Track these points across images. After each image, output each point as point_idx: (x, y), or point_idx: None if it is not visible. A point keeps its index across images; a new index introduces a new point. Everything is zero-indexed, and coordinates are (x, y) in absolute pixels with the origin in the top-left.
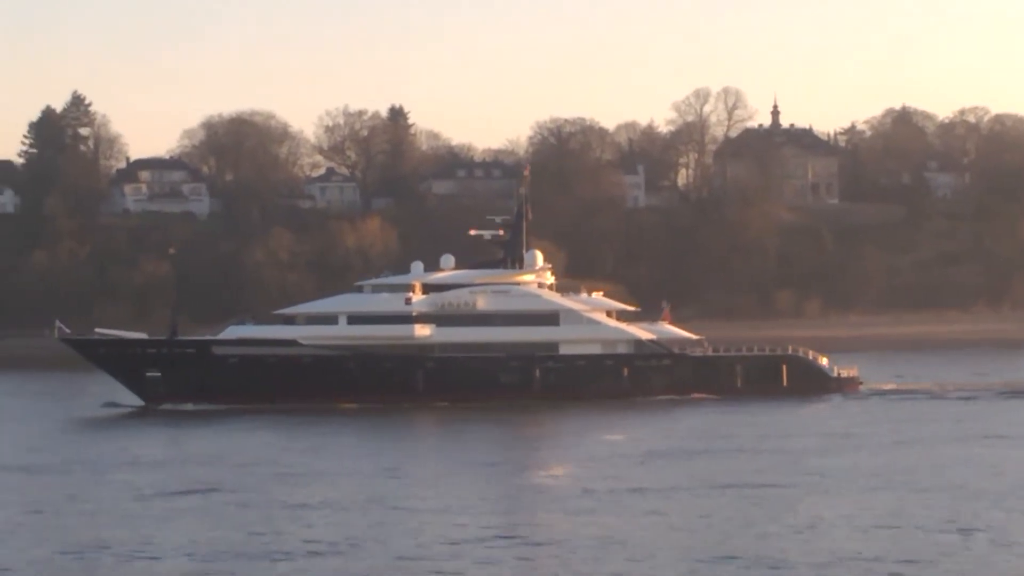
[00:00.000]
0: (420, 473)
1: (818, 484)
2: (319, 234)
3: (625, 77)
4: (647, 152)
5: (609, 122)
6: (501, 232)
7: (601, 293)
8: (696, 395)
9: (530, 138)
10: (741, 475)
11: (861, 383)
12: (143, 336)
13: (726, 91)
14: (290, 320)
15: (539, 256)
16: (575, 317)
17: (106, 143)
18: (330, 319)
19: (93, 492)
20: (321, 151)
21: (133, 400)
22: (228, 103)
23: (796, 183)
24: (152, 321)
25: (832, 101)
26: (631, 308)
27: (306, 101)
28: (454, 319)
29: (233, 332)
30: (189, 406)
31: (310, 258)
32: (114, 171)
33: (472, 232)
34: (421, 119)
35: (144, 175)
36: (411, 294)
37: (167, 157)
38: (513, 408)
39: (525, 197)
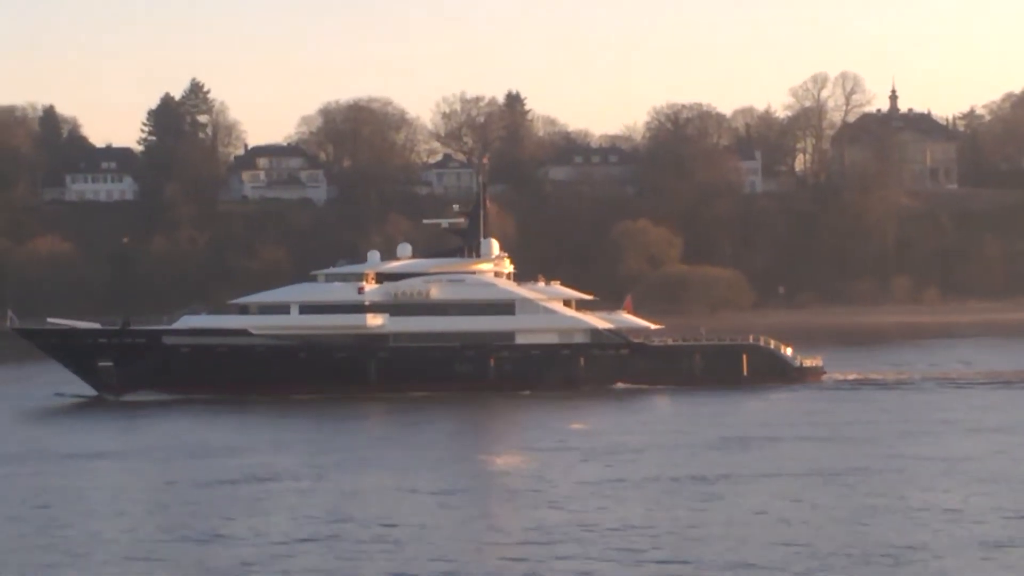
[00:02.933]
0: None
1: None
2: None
3: (742, 62)
4: (764, 137)
5: (726, 107)
6: (461, 220)
7: (559, 282)
8: (653, 385)
9: (647, 123)
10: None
11: (824, 373)
12: (96, 326)
13: (844, 76)
14: (244, 310)
15: (495, 245)
16: (531, 306)
17: (224, 130)
18: (282, 308)
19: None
20: (438, 137)
21: (86, 390)
22: (346, 90)
23: (914, 168)
24: None
25: (951, 85)
26: (589, 297)
27: (423, 88)
28: (408, 308)
29: (186, 322)
30: (141, 396)
31: (427, 244)
32: (232, 158)
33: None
34: (538, 105)
35: (262, 162)
36: (364, 283)
37: (285, 144)
38: (467, 398)
39: (483, 185)
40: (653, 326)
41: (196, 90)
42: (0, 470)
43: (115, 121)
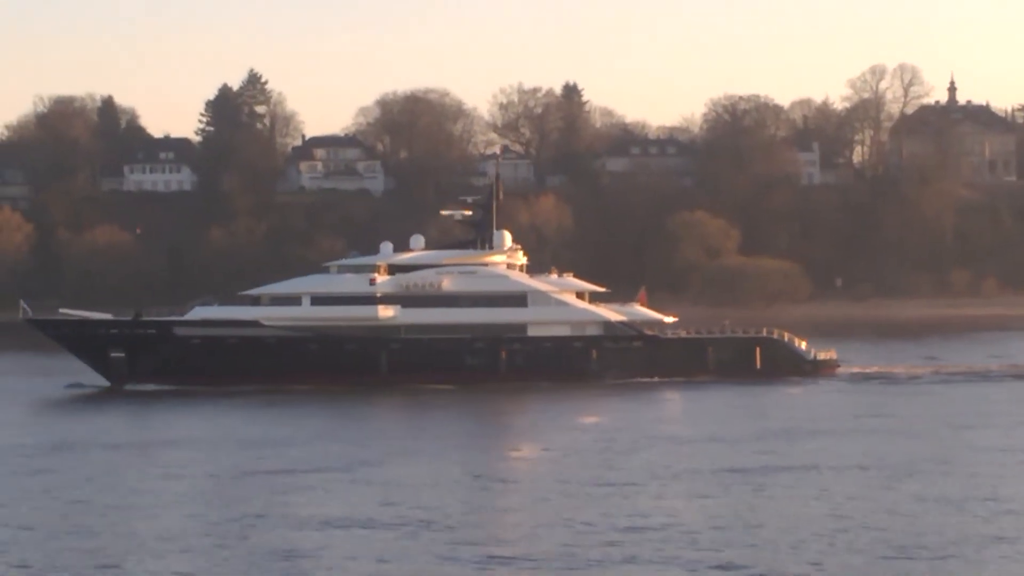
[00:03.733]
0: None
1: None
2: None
3: (800, 54)
4: (822, 129)
5: (784, 99)
6: (468, 212)
7: (571, 274)
8: (665, 378)
9: (704, 115)
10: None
11: (839, 366)
12: (108, 317)
13: (902, 67)
14: (255, 301)
15: (507, 236)
16: (543, 298)
17: (282, 121)
18: (294, 300)
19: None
20: (495, 128)
21: (99, 381)
22: (403, 81)
23: (973, 160)
24: None
25: (1010, 77)
26: (602, 289)
27: (480, 79)
28: (419, 300)
29: (198, 313)
30: (153, 387)
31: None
32: (290, 149)
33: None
34: (595, 96)
35: (319, 153)
36: (375, 275)
37: (342, 135)
38: (478, 390)
39: (497, 176)
40: (667, 319)
41: (254, 81)
42: (47, 460)
43: (173, 112)
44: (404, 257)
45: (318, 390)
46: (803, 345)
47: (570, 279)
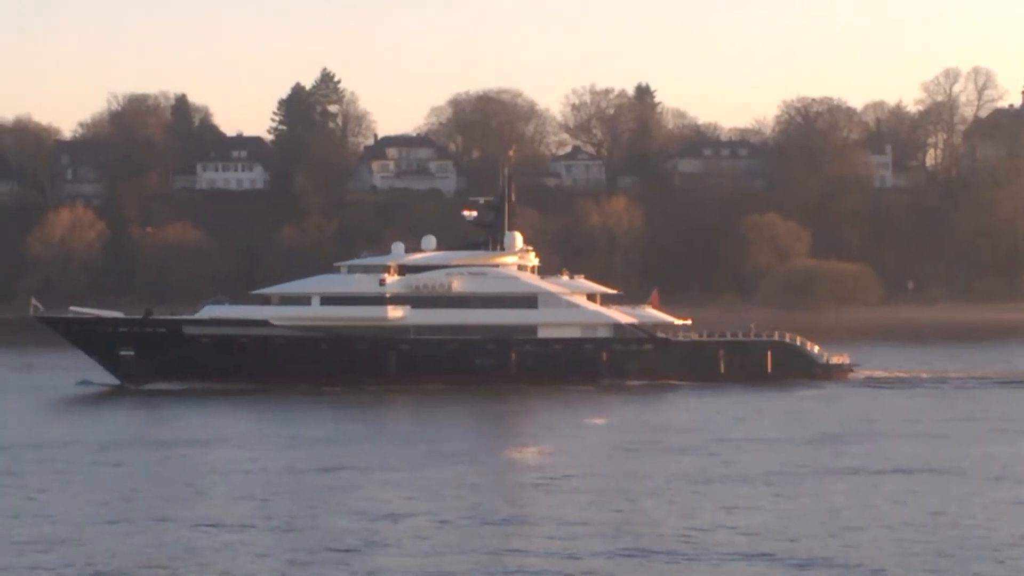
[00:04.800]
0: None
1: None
2: (565, 212)
3: (874, 56)
4: (895, 132)
5: (857, 101)
6: (475, 213)
7: (583, 276)
8: (676, 381)
9: (777, 117)
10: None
11: (851, 370)
12: (118, 315)
13: (976, 71)
14: (265, 300)
15: (519, 238)
16: (554, 300)
17: (354, 120)
18: (303, 300)
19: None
20: (567, 129)
21: (109, 379)
22: (475, 81)
23: None
24: None
25: None
26: (614, 291)
27: (553, 79)
28: (429, 301)
29: (208, 312)
30: (162, 386)
31: (556, 236)
32: (362, 148)
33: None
34: (667, 97)
35: (391, 152)
36: (385, 275)
37: (414, 135)
38: (486, 392)
39: (509, 178)
40: (679, 321)
41: (327, 80)
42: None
43: (246, 110)
44: (414, 258)
45: (329, 391)
46: (816, 349)
47: (581, 281)
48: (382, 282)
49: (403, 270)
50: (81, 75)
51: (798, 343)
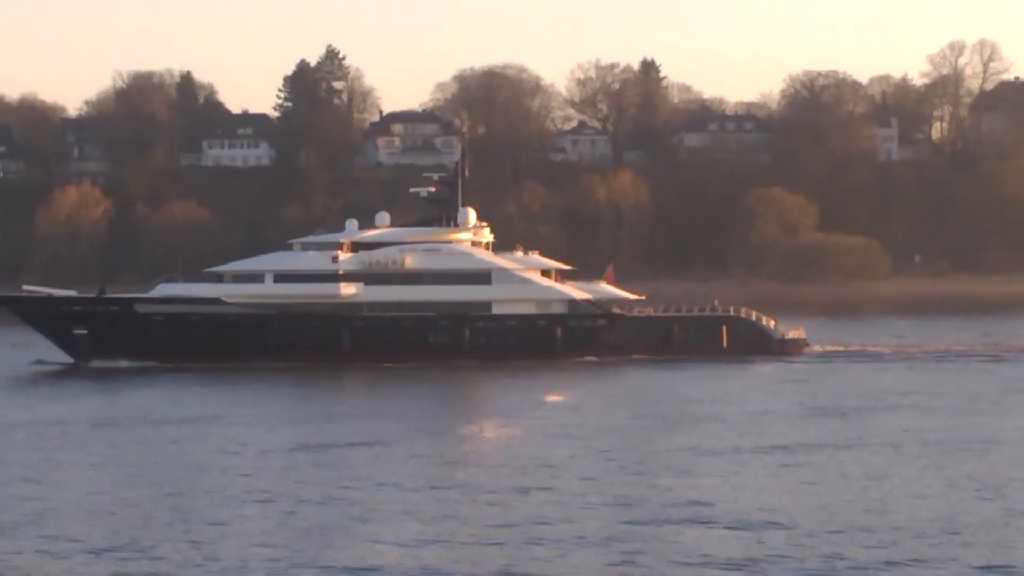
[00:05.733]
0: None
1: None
2: (571, 187)
3: (879, 30)
4: (901, 105)
5: (862, 75)
6: (432, 189)
7: (537, 252)
8: (630, 356)
9: (782, 91)
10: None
11: (807, 345)
12: (72, 294)
13: (982, 43)
14: (218, 278)
15: (472, 214)
16: (507, 276)
17: (359, 96)
18: (256, 277)
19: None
20: (573, 104)
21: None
22: (481, 56)
23: None
24: None
25: None
26: (567, 267)
27: (558, 54)
28: (382, 277)
29: (161, 290)
30: (115, 363)
31: (562, 211)
32: (367, 124)
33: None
34: (673, 72)
35: (397, 128)
36: (339, 252)
37: (420, 110)
38: (439, 369)
39: (464, 153)
40: (633, 296)
41: (332, 56)
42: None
43: (251, 87)
44: (368, 234)
45: (275, 368)
46: (771, 324)
47: (536, 257)
48: (335, 259)
49: (356, 247)
50: (86, 53)
51: (753, 318)
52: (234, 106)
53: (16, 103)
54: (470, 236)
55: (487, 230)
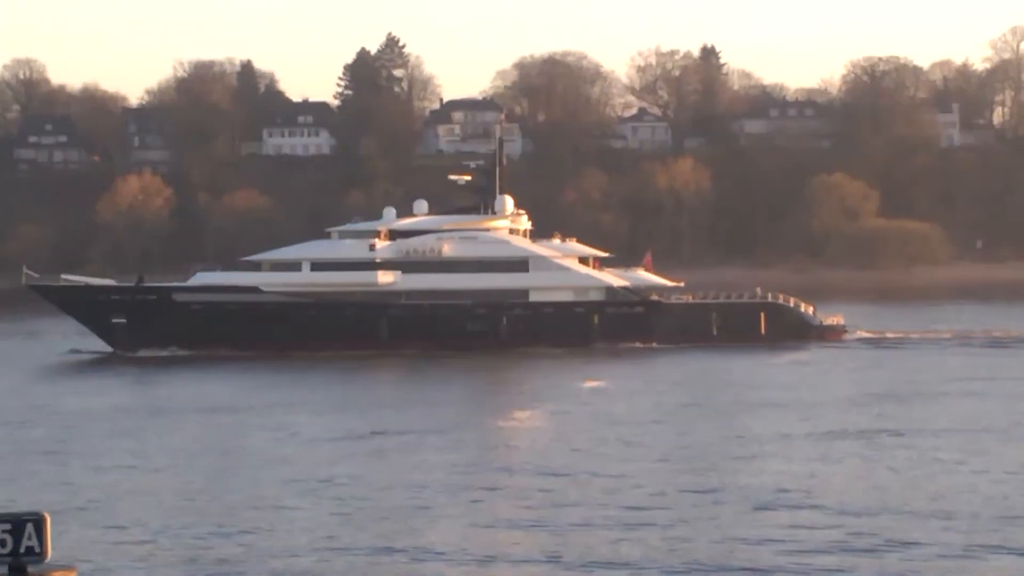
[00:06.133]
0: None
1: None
2: (631, 174)
3: (941, 15)
4: (962, 91)
5: (924, 60)
6: (469, 177)
7: (575, 239)
8: (668, 344)
9: (843, 76)
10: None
11: (845, 331)
12: (110, 283)
13: None
14: (256, 267)
15: (509, 201)
16: (545, 264)
17: (420, 84)
18: (294, 266)
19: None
20: (633, 91)
21: (102, 346)
22: (541, 44)
23: None
24: None
25: None
26: (606, 254)
27: (619, 41)
28: (420, 266)
29: (199, 279)
30: (156, 353)
31: (623, 198)
32: (428, 112)
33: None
34: (733, 58)
35: (457, 116)
36: (376, 240)
37: (480, 98)
38: (479, 356)
39: (501, 142)
40: (671, 283)
41: (392, 44)
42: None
43: (312, 76)
44: (405, 222)
45: (312, 357)
46: (810, 310)
47: (573, 244)
48: (372, 247)
49: (393, 235)
50: (147, 42)
51: (792, 304)
52: (294, 95)
53: (78, 93)
54: (507, 224)
55: (524, 217)
